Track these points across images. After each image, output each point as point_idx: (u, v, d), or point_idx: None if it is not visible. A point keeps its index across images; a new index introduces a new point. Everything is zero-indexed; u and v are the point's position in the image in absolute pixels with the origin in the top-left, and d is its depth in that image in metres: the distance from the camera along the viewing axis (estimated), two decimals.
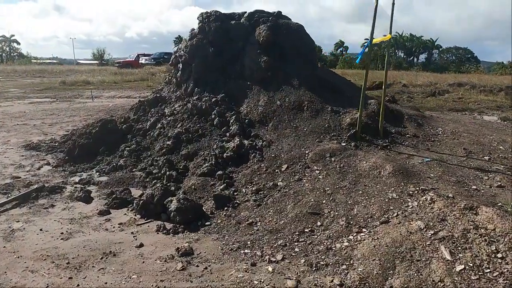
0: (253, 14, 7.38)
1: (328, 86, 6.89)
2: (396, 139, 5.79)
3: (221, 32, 7.04)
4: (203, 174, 4.82)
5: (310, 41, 7.57)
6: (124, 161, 5.63)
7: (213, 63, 6.92)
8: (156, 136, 6.19)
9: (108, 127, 6.46)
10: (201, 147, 5.60)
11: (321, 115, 6.06)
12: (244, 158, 5.14)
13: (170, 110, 6.65)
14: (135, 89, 18.89)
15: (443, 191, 3.90)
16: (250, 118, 6.08)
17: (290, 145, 5.34)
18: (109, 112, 11.84)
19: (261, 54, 6.82)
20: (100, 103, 14.18)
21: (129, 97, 15.95)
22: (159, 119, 6.64)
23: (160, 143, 5.95)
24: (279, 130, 5.81)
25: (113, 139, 6.40)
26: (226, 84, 6.79)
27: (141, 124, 6.73)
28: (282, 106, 6.21)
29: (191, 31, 7.32)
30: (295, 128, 5.81)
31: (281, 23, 7.32)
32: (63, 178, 5.41)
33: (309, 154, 5.03)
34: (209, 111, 6.22)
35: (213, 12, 7.23)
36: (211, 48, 6.91)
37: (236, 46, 7.09)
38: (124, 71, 28.80)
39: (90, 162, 5.95)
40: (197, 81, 6.83)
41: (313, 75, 6.99)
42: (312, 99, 6.31)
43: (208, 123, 6.07)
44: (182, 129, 5.92)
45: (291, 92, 6.43)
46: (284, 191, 4.25)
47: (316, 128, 5.77)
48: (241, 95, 6.59)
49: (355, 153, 5.01)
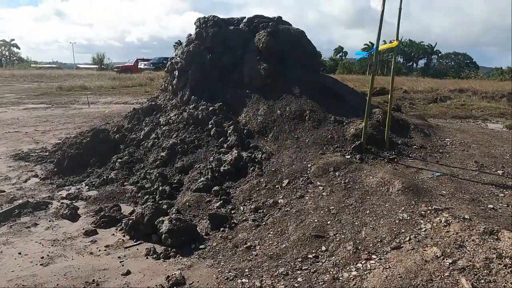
0: (252, 19, 7.12)
1: (329, 94, 6.60)
2: (403, 151, 5.48)
3: (219, 38, 6.77)
4: (198, 189, 4.50)
5: (311, 47, 7.30)
6: (115, 174, 5.32)
7: (211, 70, 6.63)
8: (150, 146, 5.88)
9: (100, 137, 6.15)
10: (197, 159, 5.29)
11: (323, 125, 5.76)
12: (242, 172, 4.83)
13: (166, 119, 6.34)
14: (132, 94, 18.61)
15: (458, 211, 3.59)
16: (249, 128, 5.78)
17: (291, 157, 5.03)
18: (104, 119, 11.55)
19: (260, 61, 6.54)
20: (96, 109, 13.89)
21: (126, 103, 15.67)
22: (154, 128, 6.33)
23: (154, 154, 5.64)
24: (279, 141, 5.51)
25: (105, 149, 6.09)
26: (224, 92, 6.50)
27: (134, 134, 6.42)
28: (283, 115, 5.91)
29: (188, 36, 7.04)
30: (297, 139, 5.51)
31: (282, 29, 7.05)
32: (50, 192, 5.08)
33: (311, 168, 4.73)
34: (205, 121, 5.92)
35: (210, 17, 6.96)
36: (208, 54, 6.63)
37: (234, 52, 6.81)
38: (122, 76, 28.57)
39: (80, 175, 5.64)
40: (194, 89, 6.54)
41: (315, 82, 6.70)
42: (314, 108, 6.02)
43: (205, 133, 5.76)
44: (178, 139, 5.62)
45: (292, 101, 6.14)
46: (285, 209, 3.94)
47: (318, 139, 5.47)
48: (240, 104, 6.30)
49: (361, 167, 4.70)
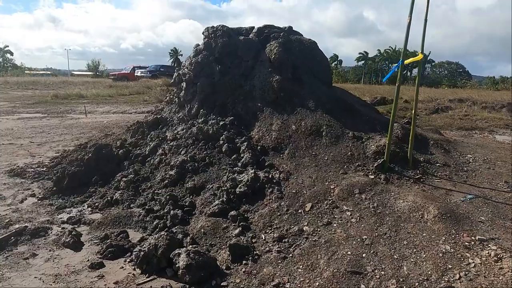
0: (263, 29, 6.83)
1: (345, 108, 6.30)
2: (427, 169, 5.17)
3: (228, 49, 6.46)
4: (213, 214, 4.13)
5: (324, 58, 7.03)
6: (120, 194, 4.92)
7: (220, 82, 6.31)
8: (156, 164, 5.50)
9: (103, 153, 5.77)
10: (209, 179, 4.92)
11: (341, 141, 5.44)
12: (259, 193, 4.48)
13: (173, 134, 5.98)
14: (130, 103, 18.22)
15: (504, 241, 3.27)
16: (263, 144, 5.44)
17: (312, 177, 4.69)
18: (103, 130, 11.14)
19: (273, 73, 6.23)
20: (94, 119, 13.46)
21: (124, 113, 15.26)
22: (160, 143, 5.96)
23: (162, 172, 5.27)
24: (296, 158, 5.17)
25: (108, 166, 5.70)
26: (235, 106, 6.17)
27: (139, 149, 6.05)
28: (298, 131, 5.59)
29: (196, 47, 6.72)
30: (315, 157, 5.17)
31: (293, 39, 6.77)
32: (49, 216, 4.67)
33: (335, 189, 4.39)
34: (216, 136, 5.57)
35: (219, 27, 6.65)
36: (218, 66, 6.31)
37: (245, 63, 6.50)
38: (119, 84, 28.18)
39: (82, 194, 5.23)
40: (203, 102, 6.20)
41: (329, 96, 6.41)
42: (330, 122, 5.71)
43: (216, 150, 5.41)
44: (187, 156, 5.25)
45: (307, 115, 5.82)
46: (313, 239, 3.58)
47: (338, 157, 5.14)
48: (252, 118, 5.96)
49: (387, 189, 4.38)
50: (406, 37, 4.49)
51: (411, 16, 4.45)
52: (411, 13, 4.45)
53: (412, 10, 4.44)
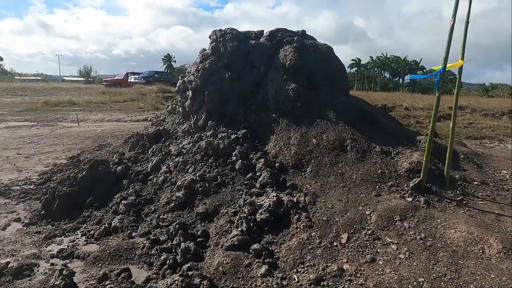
0: (275, 33, 6.27)
1: (367, 118, 5.75)
2: (465, 189, 4.62)
3: (238, 54, 5.88)
4: (232, 247, 3.50)
5: (340, 64, 6.49)
6: (119, 220, 4.26)
7: (230, 91, 5.71)
8: (160, 183, 4.85)
9: (99, 170, 5.10)
10: (222, 202, 4.30)
11: (369, 157, 4.87)
12: (283, 220, 3.86)
13: (178, 149, 5.35)
14: (124, 111, 17.49)
15: None
16: (281, 161, 4.84)
17: (342, 201, 4.10)
18: (96, 140, 10.43)
19: (288, 81, 5.66)
20: (87, 128, 12.73)
21: (119, 121, 14.55)
22: (164, 159, 5.32)
23: (167, 193, 4.62)
24: (320, 177, 4.58)
25: (104, 185, 5.04)
26: (247, 117, 5.57)
27: (140, 166, 5.39)
28: (320, 145, 5.00)
29: (202, 51, 6.12)
30: (341, 175, 4.59)
31: (308, 44, 6.23)
32: (36, 247, 3.99)
33: (371, 216, 3.80)
34: (228, 152, 4.96)
35: (228, 30, 6.07)
36: (227, 72, 5.72)
37: (256, 70, 5.93)
38: (112, 91, 27.36)
39: (74, 219, 4.55)
40: (211, 113, 5.59)
41: (349, 105, 5.85)
42: (354, 136, 5.14)
43: (228, 167, 4.79)
44: (196, 175, 4.62)
45: (328, 127, 5.25)
46: (358, 282, 2.97)
47: (367, 175, 4.56)
48: (266, 131, 5.37)
49: (431, 214, 3.81)
50: (449, 40, 3.97)
51: (454, 18, 3.93)
52: (455, 15, 3.93)
53: (456, 12, 3.93)
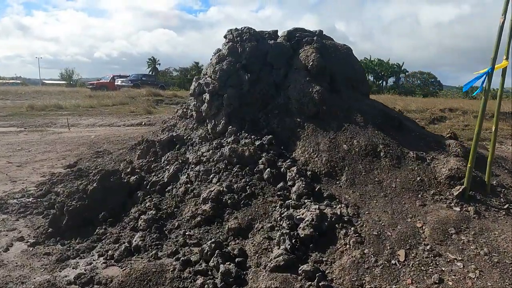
0: (293, 32, 5.95)
1: (393, 122, 5.48)
2: (507, 196, 4.40)
3: (257, 55, 5.52)
4: (277, 268, 3.13)
5: (360, 65, 6.23)
6: (141, 238, 3.82)
7: (250, 94, 5.35)
8: (181, 195, 4.43)
9: (111, 181, 4.64)
10: (255, 216, 3.92)
11: (404, 163, 4.59)
12: (328, 235, 3.52)
13: (196, 156, 4.93)
14: (116, 115, 16.83)
15: None
16: (312, 169, 4.50)
17: (387, 212, 3.79)
18: (92, 146, 9.86)
19: (311, 83, 5.34)
20: (79, 133, 12.09)
21: (111, 126, 13.94)
22: (181, 168, 4.89)
23: (191, 206, 4.20)
24: (357, 186, 4.27)
25: (117, 198, 4.58)
26: (269, 122, 5.21)
27: (155, 176, 4.95)
28: (352, 151, 4.69)
29: (217, 52, 5.72)
30: (379, 184, 4.28)
31: (328, 44, 5.93)
32: (49, 272, 3.50)
33: (424, 228, 3.50)
34: (254, 159, 4.59)
35: (245, 29, 5.72)
36: (246, 74, 5.35)
37: (276, 72, 5.58)
38: (99, 94, 26.51)
39: (87, 238, 4.08)
40: (231, 117, 5.20)
41: (374, 108, 5.58)
42: (386, 141, 4.86)
43: (256, 177, 4.41)
44: (222, 186, 4.23)
45: (357, 132, 4.95)
46: None
47: (406, 184, 4.27)
48: (291, 136, 5.02)
49: (485, 225, 3.54)
50: (498, 39, 3.73)
51: (505, 15, 3.70)
52: (505, 12, 3.70)
53: (507, 9, 3.69)
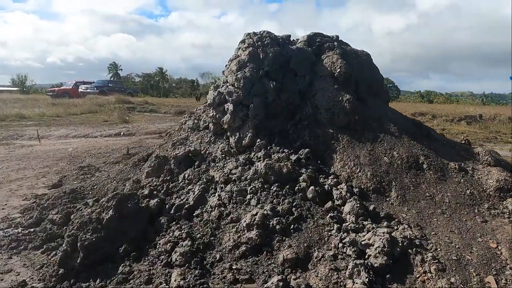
0: (313, 37, 5.61)
1: (422, 131, 5.29)
2: None
3: (280, 61, 5.10)
4: None
5: (379, 73, 6.00)
6: (181, 276, 3.23)
7: (275, 104, 4.90)
8: (216, 220, 3.87)
9: (128, 207, 3.98)
10: (310, 242, 3.46)
11: (448, 175, 4.37)
12: (401, 261, 3.15)
13: (223, 174, 4.39)
14: (89, 124, 15.61)
15: None
16: (358, 185, 4.13)
17: (454, 232, 3.49)
18: (73, 161, 8.90)
19: (340, 91, 5.01)
20: (53, 146, 10.93)
21: (87, 137, 12.82)
22: (207, 188, 4.33)
23: (231, 234, 3.66)
24: (410, 203, 3.95)
25: (137, 226, 3.93)
26: (299, 133, 4.80)
27: (177, 198, 4.34)
28: (394, 164, 4.39)
29: (236, 57, 5.22)
30: (431, 199, 4.00)
31: (349, 51, 5.65)
32: None
33: (500, 249, 3.23)
34: (293, 176, 4.14)
35: (265, 33, 5.28)
36: (271, 82, 4.91)
37: (301, 79, 5.19)
38: (63, 102, 24.71)
39: (110, 278, 3.41)
40: (258, 129, 4.72)
41: (403, 117, 5.36)
42: (425, 152, 4.62)
43: (299, 196, 3.97)
44: (265, 209, 3.73)
45: (394, 143, 4.67)
46: None
47: (458, 198, 4.03)
48: (326, 149, 4.64)
49: None
50: None
51: None
52: None
53: None
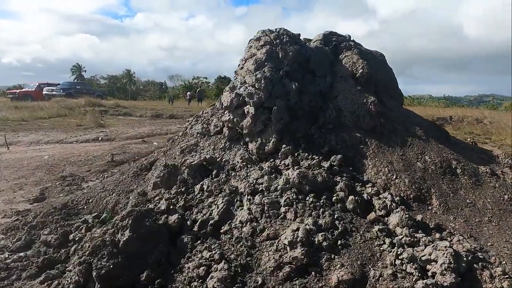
0: (329, 36, 5.33)
1: (442, 135, 5.15)
2: None
3: (299, 60, 4.76)
4: None
5: (394, 75, 5.82)
6: None
7: (298, 106, 4.55)
8: (249, 237, 3.44)
9: (146, 226, 3.45)
10: (363, 260, 3.12)
11: (482, 180, 4.21)
12: (466, 278, 2.90)
13: (248, 184, 3.96)
14: (61, 129, 14.47)
15: None
16: (397, 193, 3.86)
17: (510, 242, 3.30)
18: (51, 170, 8.07)
19: (363, 93, 4.75)
20: (24, 153, 9.89)
21: (61, 142, 11.80)
22: (232, 201, 3.88)
23: (271, 253, 3.25)
24: (453, 211, 3.73)
25: (159, 248, 3.42)
26: (325, 138, 4.47)
27: (199, 212, 3.85)
28: (428, 169, 4.17)
29: (251, 56, 4.80)
30: (474, 206, 3.81)
31: (365, 51, 5.42)
32: None
33: None
34: (329, 185, 3.80)
35: (282, 31, 4.92)
36: (293, 83, 4.55)
37: (321, 80, 4.88)
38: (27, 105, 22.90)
39: None
40: (282, 134, 4.34)
41: (423, 120, 5.19)
42: (454, 156, 4.46)
43: (338, 207, 3.63)
44: (307, 223, 3.36)
45: (424, 147, 4.46)
46: None
47: (499, 204, 3.87)
48: (356, 155, 4.34)
49: None
50: None
51: None
52: None
53: None
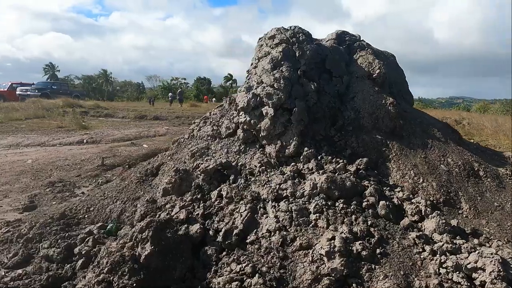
0: (342, 36, 5.18)
1: (455, 136, 5.10)
2: None
3: (317, 60, 4.58)
4: None
5: (405, 75, 5.75)
6: None
7: (317, 107, 4.36)
8: (279, 247, 3.21)
9: (168, 238, 3.16)
10: (405, 269, 2.96)
11: (503, 182, 4.17)
12: None
13: (271, 190, 3.72)
14: (41, 131, 13.69)
15: None
16: (427, 197, 3.74)
17: None
18: (37, 175, 7.55)
19: (382, 93, 4.62)
20: (4, 157, 9.23)
21: (43, 145, 11.13)
22: (255, 208, 3.63)
23: (306, 265, 3.03)
24: (483, 215, 3.65)
25: (182, 261, 3.13)
26: (346, 140, 4.30)
27: (220, 221, 3.57)
28: (452, 172, 4.08)
29: (265, 54, 4.57)
30: (502, 209, 3.74)
31: (378, 51, 5.32)
32: None
33: None
34: (357, 190, 3.62)
35: (297, 29, 4.72)
36: (312, 83, 4.36)
37: (337, 80, 4.71)
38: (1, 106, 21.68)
39: None
40: (303, 136, 4.13)
41: (437, 121, 5.13)
42: (474, 158, 4.40)
43: (370, 213, 3.46)
44: (342, 231, 3.16)
45: (445, 149, 4.38)
46: None
47: None
48: (378, 157, 4.20)
49: None
50: None
51: None
52: None
53: None
